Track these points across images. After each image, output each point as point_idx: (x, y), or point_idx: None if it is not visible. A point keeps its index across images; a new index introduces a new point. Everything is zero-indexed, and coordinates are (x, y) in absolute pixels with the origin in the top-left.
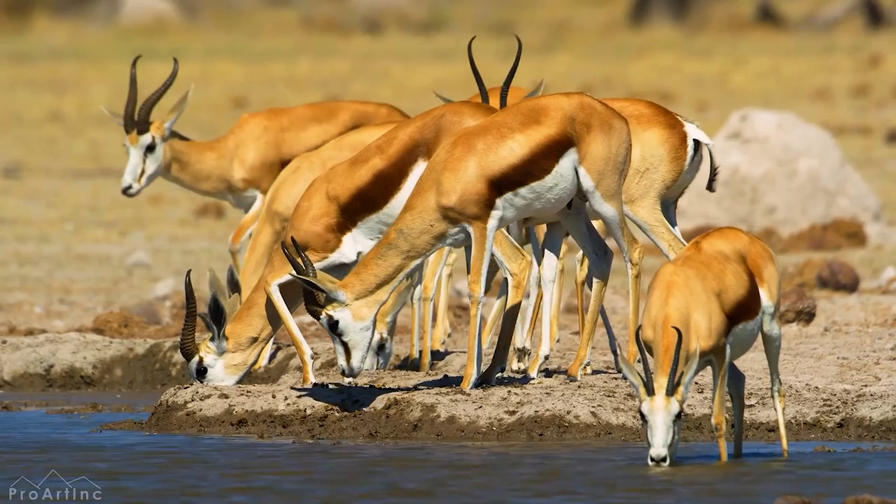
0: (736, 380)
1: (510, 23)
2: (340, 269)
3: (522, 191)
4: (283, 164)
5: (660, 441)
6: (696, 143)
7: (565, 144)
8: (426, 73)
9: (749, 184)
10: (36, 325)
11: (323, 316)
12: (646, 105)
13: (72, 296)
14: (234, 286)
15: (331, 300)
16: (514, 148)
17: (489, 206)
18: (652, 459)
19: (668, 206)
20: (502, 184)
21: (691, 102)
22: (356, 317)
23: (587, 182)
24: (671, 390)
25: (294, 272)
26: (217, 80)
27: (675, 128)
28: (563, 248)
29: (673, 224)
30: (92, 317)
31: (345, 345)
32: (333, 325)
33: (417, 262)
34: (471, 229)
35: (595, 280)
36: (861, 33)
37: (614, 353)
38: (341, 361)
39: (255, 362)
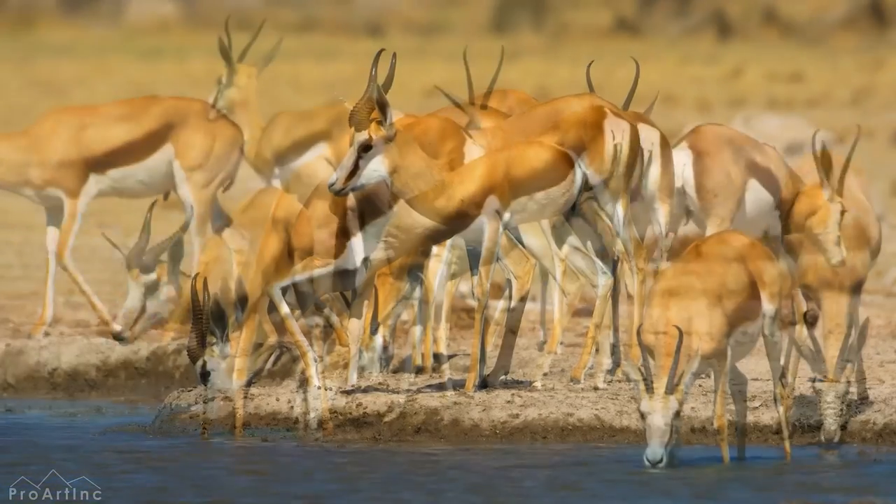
0: (738, 382)
1: (511, 25)
2: (345, 276)
3: (538, 195)
4: (88, 163)
5: (657, 440)
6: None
7: (579, 148)
8: (428, 75)
9: None
10: None
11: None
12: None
13: (76, 298)
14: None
15: (377, 143)
16: (537, 152)
17: (505, 206)
18: (648, 459)
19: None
20: (521, 188)
21: (694, 105)
22: (392, 161)
23: (596, 181)
24: (670, 390)
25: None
26: None
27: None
28: (566, 247)
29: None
30: (96, 319)
31: (357, 167)
32: (366, 148)
33: (422, 230)
34: (486, 228)
35: (600, 285)
36: (865, 36)
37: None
38: (338, 174)
39: (261, 368)
